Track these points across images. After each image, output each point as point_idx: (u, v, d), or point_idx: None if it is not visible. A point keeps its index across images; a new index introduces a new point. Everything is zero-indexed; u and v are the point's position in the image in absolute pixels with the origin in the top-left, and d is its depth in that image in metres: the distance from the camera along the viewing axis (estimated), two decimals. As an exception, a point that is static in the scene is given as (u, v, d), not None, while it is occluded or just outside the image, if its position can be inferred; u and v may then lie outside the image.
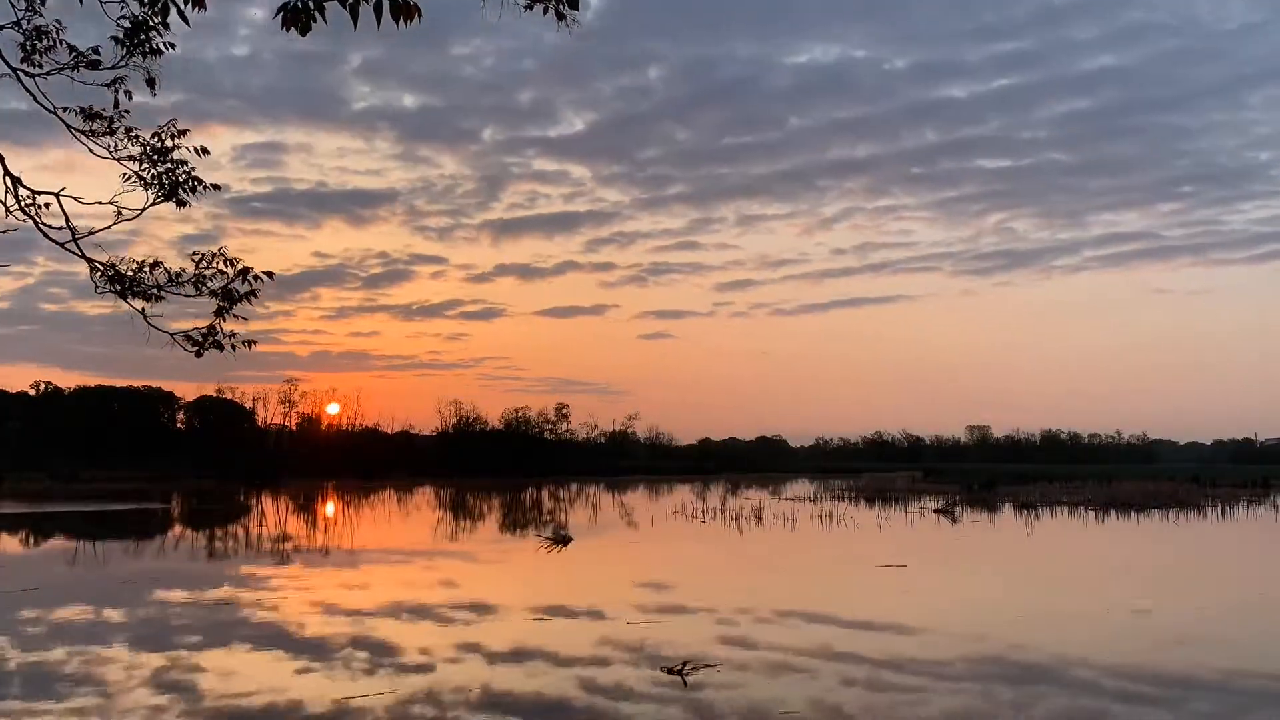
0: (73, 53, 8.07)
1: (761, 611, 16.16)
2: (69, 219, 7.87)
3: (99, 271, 7.80)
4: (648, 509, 49.20)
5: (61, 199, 7.98)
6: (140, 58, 7.99)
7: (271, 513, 47.30)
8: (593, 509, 49.81)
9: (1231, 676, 11.61)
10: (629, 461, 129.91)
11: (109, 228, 8.19)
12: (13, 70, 7.88)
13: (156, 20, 7.83)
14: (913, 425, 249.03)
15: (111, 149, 8.27)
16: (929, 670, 11.74)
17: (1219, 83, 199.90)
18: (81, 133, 8.22)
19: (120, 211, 8.25)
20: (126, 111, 8.23)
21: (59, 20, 8.04)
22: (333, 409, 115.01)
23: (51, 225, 7.95)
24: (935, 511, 44.08)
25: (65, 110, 8.22)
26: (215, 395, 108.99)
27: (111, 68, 8.07)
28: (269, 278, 7.87)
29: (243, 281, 7.85)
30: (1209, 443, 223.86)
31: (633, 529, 36.23)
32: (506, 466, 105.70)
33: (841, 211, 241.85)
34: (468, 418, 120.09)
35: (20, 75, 7.94)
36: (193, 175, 8.17)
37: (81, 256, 7.74)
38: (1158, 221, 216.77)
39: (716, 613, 16.06)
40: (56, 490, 67.18)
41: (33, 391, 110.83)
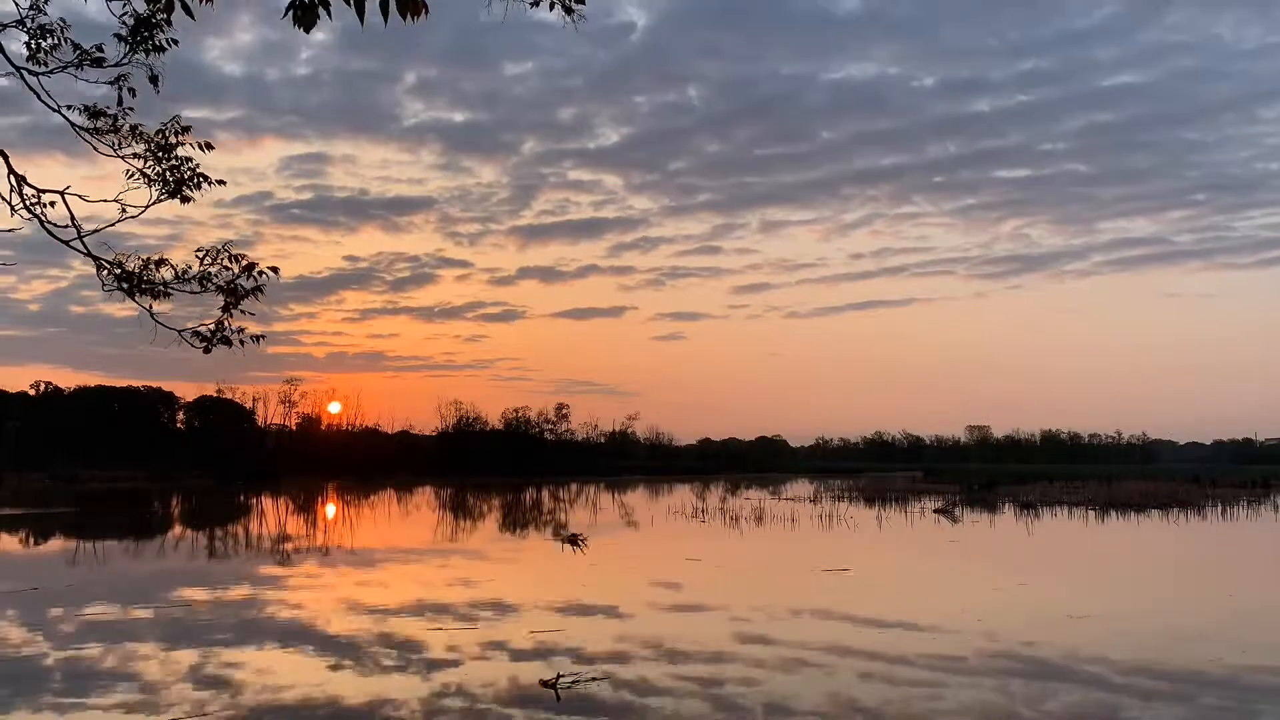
0: (77, 50, 8.08)
1: (775, 610, 16.39)
2: (74, 217, 7.88)
3: (105, 269, 7.81)
4: (648, 509, 49.23)
5: (66, 197, 7.99)
6: (144, 55, 8.00)
7: (278, 513, 47.31)
8: (596, 509, 49.83)
9: (1239, 672, 11.71)
10: (629, 462, 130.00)
11: (113, 224, 8.20)
12: (17, 69, 7.89)
13: (160, 17, 7.84)
14: (913, 425, 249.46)
15: (115, 146, 8.28)
16: (939, 667, 11.79)
17: (1233, 98, 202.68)
18: (86, 130, 8.23)
19: (125, 209, 8.26)
20: (130, 109, 8.24)
21: (63, 19, 8.06)
22: (334, 408, 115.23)
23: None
24: (935, 512, 44.09)
25: (69, 108, 8.23)
26: (215, 395, 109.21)
27: (115, 65, 8.09)
28: (274, 273, 7.88)
29: (248, 277, 7.86)
30: (1209, 443, 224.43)
31: (635, 529, 36.28)
32: (506, 467, 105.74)
33: (863, 218, 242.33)
34: (468, 418, 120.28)
35: (24, 74, 7.95)
36: (197, 172, 8.18)
37: (88, 255, 7.75)
38: (1168, 227, 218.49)
39: (729, 610, 16.33)
40: (57, 490, 67.16)
41: (32, 391, 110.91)
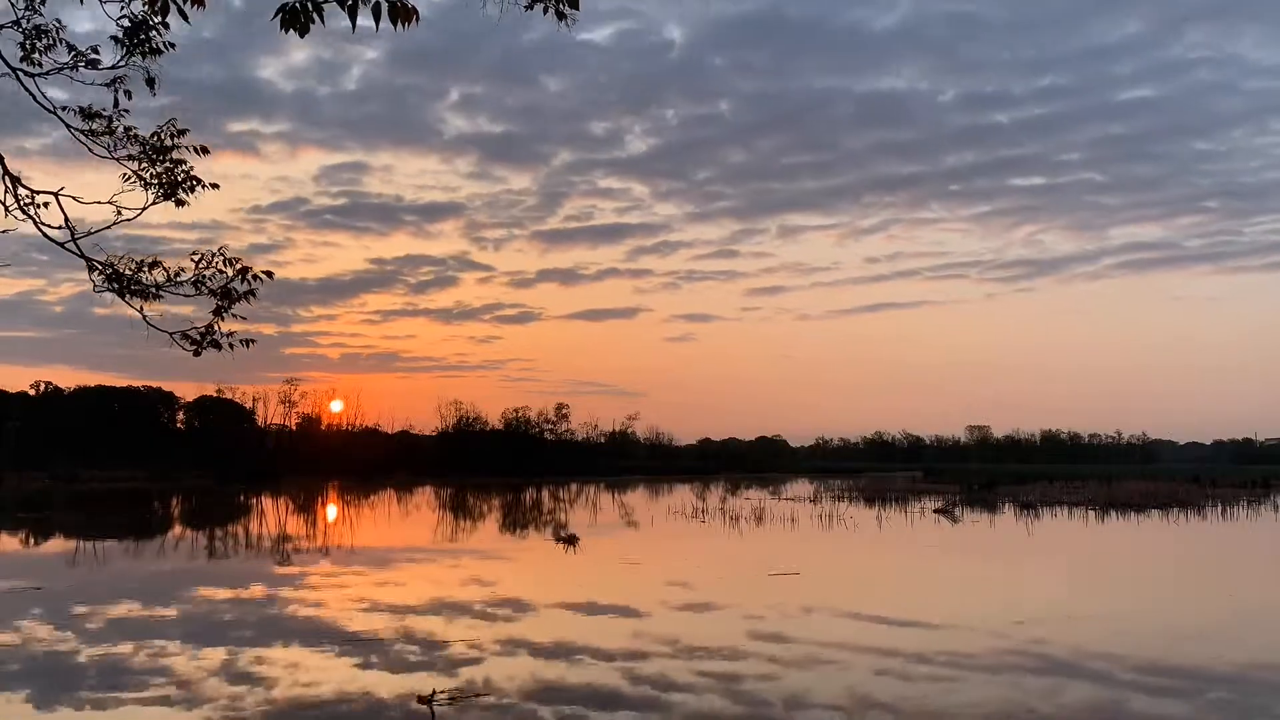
0: (72, 52, 8.07)
1: (787, 608, 16.53)
2: (68, 219, 7.87)
3: (97, 271, 7.80)
4: (649, 509, 49.21)
5: (60, 198, 7.98)
6: (140, 57, 7.99)
7: (282, 514, 47.28)
8: (598, 509, 49.78)
9: (1244, 670, 11.87)
10: (629, 462, 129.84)
11: (109, 226, 8.20)
12: (12, 70, 7.88)
13: (156, 20, 7.83)
14: (913, 425, 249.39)
15: (111, 148, 8.27)
16: (952, 664, 11.79)
17: (1246, 111, 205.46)
18: (81, 132, 8.22)
19: (120, 211, 8.25)
20: (126, 110, 8.23)
21: (59, 19, 8.05)
22: (336, 406, 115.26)
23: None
24: (935, 511, 44.09)
25: (64, 109, 8.22)
26: (215, 395, 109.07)
27: (111, 67, 8.07)
28: (268, 277, 7.88)
29: (242, 280, 7.85)
30: (1209, 443, 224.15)
31: (638, 529, 36.29)
32: (506, 467, 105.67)
33: (879, 223, 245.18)
34: (468, 418, 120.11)
35: (20, 75, 7.94)
36: (191, 174, 8.17)
37: (80, 256, 7.74)
38: (1178, 233, 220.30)
39: (742, 609, 16.51)
40: (57, 490, 67.18)
41: (32, 391, 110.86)
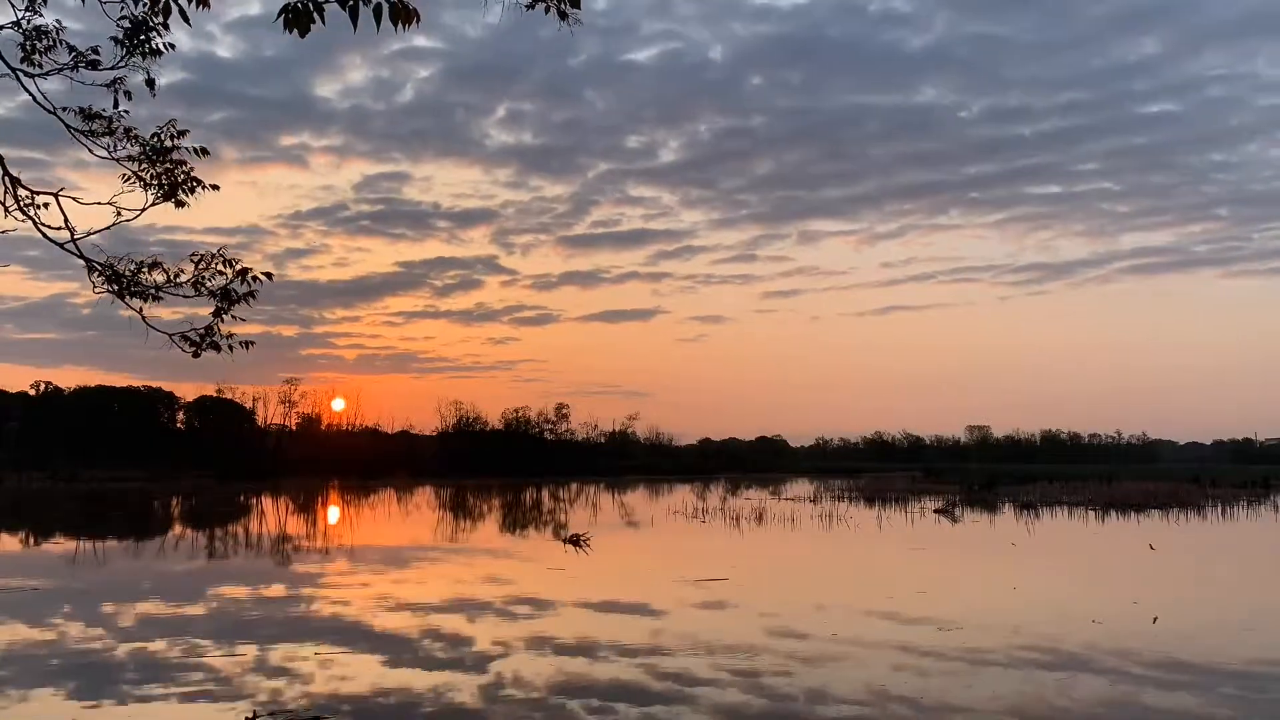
0: (72, 53, 8.07)
1: (802, 606, 16.62)
2: (68, 219, 7.87)
3: (97, 271, 7.80)
4: (650, 509, 49.21)
5: (60, 199, 7.98)
6: (140, 58, 7.99)
7: (287, 514, 47.20)
8: (607, 510, 49.76)
9: (1252, 665, 12.04)
10: (629, 462, 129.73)
11: (109, 227, 8.20)
12: (12, 70, 7.88)
13: (157, 20, 7.83)
14: (913, 425, 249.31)
15: (111, 149, 8.27)
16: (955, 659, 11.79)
17: (1261, 124, 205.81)
18: (81, 133, 8.22)
19: (120, 212, 8.25)
20: (125, 111, 8.23)
21: (59, 20, 8.05)
22: (338, 404, 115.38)
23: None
24: (935, 511, 44.08)
25: (65, 110, 8.22)
26: (215, 395, 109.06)
27: (111, 68, 8.07)
28: (268, 278, 7.87)
29: (241, 282, 7.85)
30: (1209, 443, 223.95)
31: (641, 529, 36.30)
32: (506, 467, 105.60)
33: (897, 229, 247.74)
34: (467, 418, 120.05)
35: (20, 75, 7.94)
36: (191, 175, 8.17)
37: (80, 257, 7.74)
38: (1187, 239, 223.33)
39: (758, 607, 16.64)
40: (57, 490, 67.18)
41: (32, 391, 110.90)
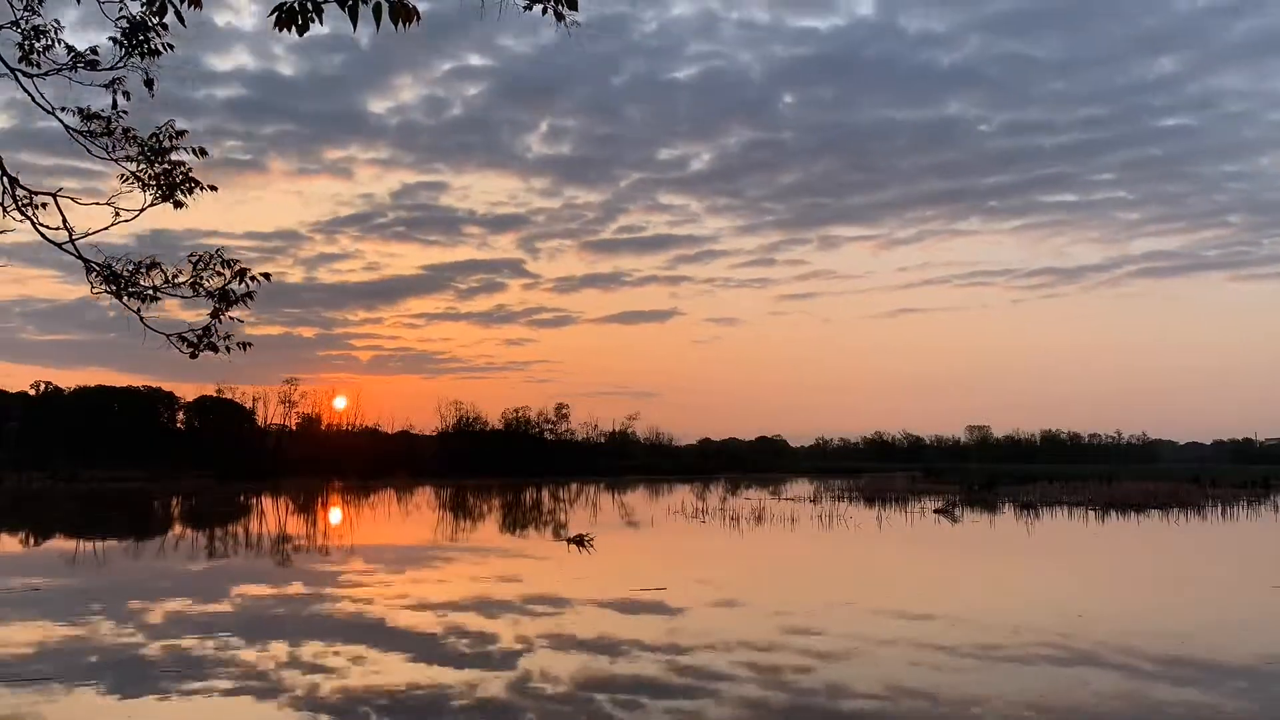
0: (71, 53, 8.06)
1: (812, 606, 16.79)
2: (66, 219, 7.87)
3: (95, 271, 7.80)
4: (651, 509, 49.24)
5: (59, 199, 7.98)
6: (139, 59, 7.98)
7: (289, 514, 47.25)
8: (607, 510, 49.79)
9: (1259, 662, 12.25)
10: (629, 461, 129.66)
11: (106, 229, 8.19)
12: (10, 70, 7.88)
13: (155, 21, 7.82)
14: (913, 425, 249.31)
15: (109, 149, 8.27)
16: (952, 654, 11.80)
17: (1275, 137, 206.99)
18: (79, 133, 8.21)
19: (118, 213, 8.25)
20: (124, 112, 8.22)
21: (57, 20, 8.04)
22: (340, 403, 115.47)
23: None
24: (935, 511, 44.08)
25: (63, 110, 8.21)
26: (215, 395, 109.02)
27: (110, 68, 8.07)
28: (266, 279, 7.87)
29: (240, 283, 7.85)
30: (1209, 443, 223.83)
31: (643, 529, 36.38)
32: (506, 467, 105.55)
33: (915, 235, 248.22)
34: (467, 418, 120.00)
35: (18, 75, 7.94)
36: (189, 176, 8.16)
37: (78, 257, 7.74)
38: (1198, 244, 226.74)
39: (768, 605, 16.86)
40: (57, 490, 67.17)
41: (32, 392, 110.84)
